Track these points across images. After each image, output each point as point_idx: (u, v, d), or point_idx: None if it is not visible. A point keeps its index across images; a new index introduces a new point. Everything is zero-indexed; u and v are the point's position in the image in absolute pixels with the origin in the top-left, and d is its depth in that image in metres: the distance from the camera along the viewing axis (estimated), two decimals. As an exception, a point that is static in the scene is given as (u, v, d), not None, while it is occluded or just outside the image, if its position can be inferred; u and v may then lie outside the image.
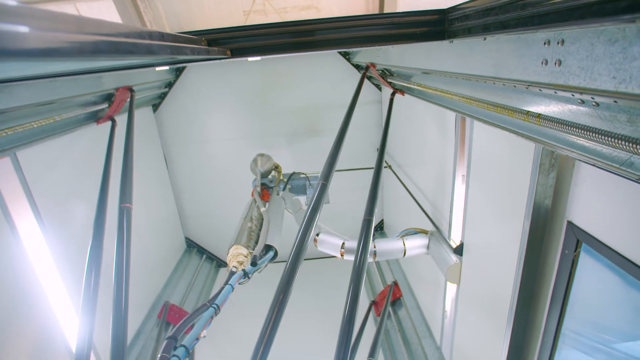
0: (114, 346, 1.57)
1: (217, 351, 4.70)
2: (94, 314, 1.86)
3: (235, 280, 2.26)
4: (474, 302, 2.89)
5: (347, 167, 5.69)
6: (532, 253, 2.06)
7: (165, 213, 5.81)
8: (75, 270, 3.33)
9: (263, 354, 1.37)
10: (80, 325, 1.82)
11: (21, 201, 2.94)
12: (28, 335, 2.91)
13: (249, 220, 3.11)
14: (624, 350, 1.69)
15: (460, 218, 3.00)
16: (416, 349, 4.02)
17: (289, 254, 1.70)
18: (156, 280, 5.25)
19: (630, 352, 1.65)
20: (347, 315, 1.67)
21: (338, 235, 3.26)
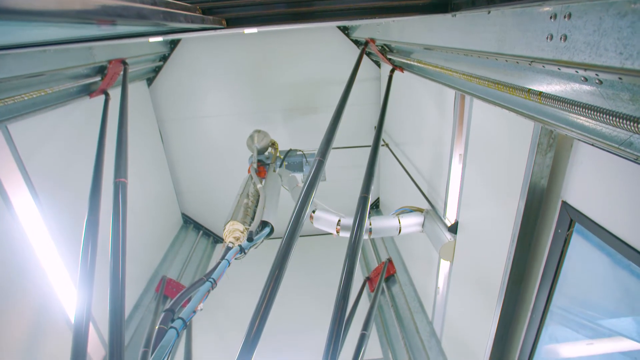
0: (112, 318, 1.59)
1: (214, 324, 4.81)
2: (92, 287, 1.88)
3: (232, 255, 2.28)
4: (466, 279, 2.95)
5: (344, 144, 5.66)
6: (526, 232, 2.09)
7: (161, 189, 5.80)
8: (72, 244, 3.34)
9: (259, 327, 1.39)
10: (79, 298, 1.84)
11: (15, 175, 2.91)
12: (28, 308, 2.95)
13: (245, 197, 3.11)
14: (608, 327, 1.74)
15: (456, 197, 3.02)
16: (408, 323, 4.13)
17: (285, 230, 1.71)
18: (153, 255, 5.30)
19: (614, 328, 1.70)
20: (342, 291, 1.70)
21: (334, 213, 3.28)
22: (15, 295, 2.85)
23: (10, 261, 2.81)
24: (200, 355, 3.92)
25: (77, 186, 3.49)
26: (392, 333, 4.29)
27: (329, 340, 1.57)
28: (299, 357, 4.22)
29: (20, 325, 2.89)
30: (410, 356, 3.80)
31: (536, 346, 2.24)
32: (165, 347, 1.46)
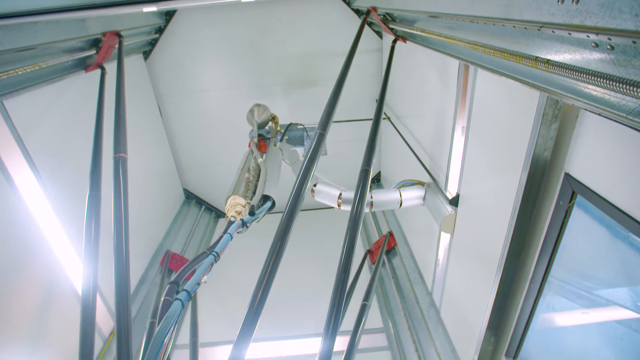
0: (117, 290, 1.62)
1: (218, 295, 4.93)
2: (97, 261, 1.91)
3: (234, 229, 2.30)
4: (466, 251, 2.98)
5: (345, 118, 5.59)
6: (527, 204, 2.09)
7: (161, 164, 5.79)
8: (76, 219, 3.37)
9: (261, 298, 1.42)
10: (85, 271, 1.87)
11: (15, 153, 2.90)
12: (37, 282, 3.01)
13: (246, 171, 3.10)
14: (605, 296, 1.77)
15: (458, 170, 3.00)
16: (408, 294, 4.23)
17: (286, 204, 1.71)
18: (157, 230, 5.36)
19: (610, 298, 1.73)
20: (343, 263, 1.72)
21: (335, 186, 3.28)
22: (25, 270, 2.91)
23: (17, 238, 2.85)
24: (205, 326, 4.04)
25: (78, 162, 3.48)
26: (393, 304, 4.40)
27: (330, 310, 1.60)
28: (302, 326, 4.34)
29: (31, 298, 2.97)
30: (410, 326, 3.91)
31: (533, 315, 2.29)
32: (170, 318, 1.50)
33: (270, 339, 4.27)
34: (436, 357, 3.41)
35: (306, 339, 4.23)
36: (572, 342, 2.04)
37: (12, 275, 2.81)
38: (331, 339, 1.56)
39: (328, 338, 1.56)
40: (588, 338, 1.93)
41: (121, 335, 1.49)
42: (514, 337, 2.49)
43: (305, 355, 4.04)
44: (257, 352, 4.14)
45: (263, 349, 4.19)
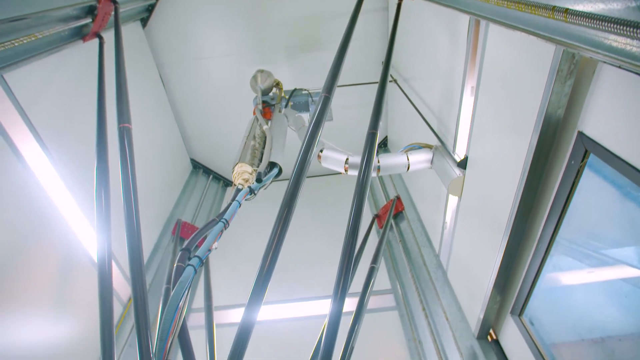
0: (131, 256, 1.67)
1: (229, 261, 5.07)
2: (109, 230, 1.95)
3: (242, 196, 2.31)
4: (474, 213, 2.99)
5: (351, 82, 5.45)
6: (537, 165, 2.05)
7: (167, 134, 5.77)
8: (86, 190, 3.42)
9: (270, 263, 1.45)
10: (98, 240, 1.92)
11: (20, 126, 2.90)
12: (53, 251, 3.11)
13: (252, 139, 3.09)
14: (612, 256, 1.77)
15: (467, 132, 2.94)
16: (415, 257, 4.30)
17: (292, 169, 1.71)
18: (167, 200, 5.44)
19: (618, 257, 1.73)
20: (351, 227, 1.73)
21: (342, 151, 3.25)
22: (41, 241, 3.00)
23: (31, 210, 2.91)
24: (219, 290, 4.18)
25: (83, 134, 3.48)
26: (400, 266, 4.49)
27: (339, 273, 1.63)
28: (312, 289, 4.48)
29: (50, 267, 3.08)
30: (417, 286, 4.01)
31: (539, 275, 2.32)
32: (184, 283, 1.55)
33: (282, 301, 4.43)
34: (443, 316, 3.51)
35: (316, 301, 4.38)
36: (577, 300, 2.08)
37: (31, 246, 2.90)
38: (340, 300, 1.60)
39: (337, 299, 1.60)
40: (593, 296, 1.96)
41: (137, 300, 1.54)
42: (519, 296, 2.54)
43: (316, 315, 4.20)
44: (269, 314, 4.30)
45: (275, 311, 4.35)
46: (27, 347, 2.79)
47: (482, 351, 3.03)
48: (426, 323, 3.64)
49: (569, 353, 2.21)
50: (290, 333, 4.09)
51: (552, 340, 2.34)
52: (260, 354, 3.84)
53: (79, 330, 3.30)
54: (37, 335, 2.90)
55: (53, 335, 3.05)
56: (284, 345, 3.95)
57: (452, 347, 3.28)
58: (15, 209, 2.78)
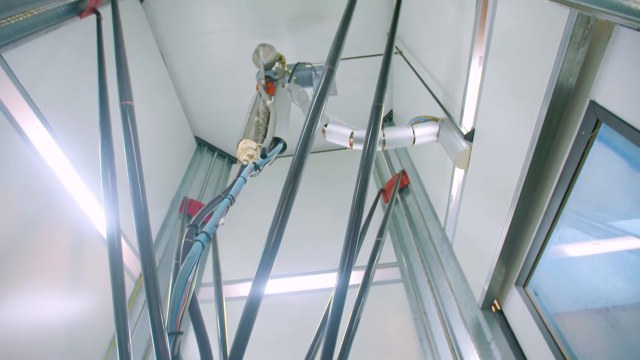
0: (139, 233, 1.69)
1: (237, 236, 5.14)
2: (117, 207, 1.97)
3: (247, 172, 2.31)
4: (480, 186, 2.97)
5: (355, 54, 5.32)
6: (546, 136, 2.01)
7: (170, 112, 5.73)
8: (92, 170, 3.45)
9: (276, 238, 1.46)
10: (107, 218, 1.94)
11: (22, 106, 2.89)
12: (64, 229, 3.17)
13: (255, 114, 3.05)
14: (620, 227, 1.76)
15: (474, 104, 2.88)
16: (421, 230, 4.33)
17: (297, 144, 1.69)
18: (173, 178, 5.47)
19: (625, 229, 1.72)
20: (357, 201, 1.73)
21: (347, 125, 3.21)
22: (51, 220, 3.05)
23: (39, 190, 2.95)
24: (227, 265, 4.26)
25: (86, 113, 3.47)
26: (406, 239, 4.52)
27: (345, 246, 1.65)
28: (318, 263, 4.56)
29: (62, 245, 3.15)
30: (423, 259, 4.05)
31: (545, 246, 2.33)
32: (192, 258, 1.58)
33: (289, 275, 4.52)
34: (448, 287, 3.57)
35: (323, 274, 4.46)
36: (582, 271, 2.08)
37: (42, 224, 2.95)
38: (346, 273, 1.63)
39: (343, 273, 1.63)
40: (598, 267, 1.96)
41: (147, 275, 1.58)
42: (524, 267, 2.56)
43: (323, 289, 4.29)
44: (277, 288, 4.40)
45: (282, 284, 4.45)
46: (45, 321, 2.90)
47: (486, 321, 3.09)
48: (431, 295, 3.71)
49: (572, 322, 2.24)
50: (298, 306, 4.20)
51: (556, 310, 2.37)
52: (269, 326, 3.96)
53: (94, 305, 3.41)
54: (54, 310, 3.00)
55: (69, 311, 3.16)
56: (292, 318, 4.06)
57: (456, 318, 3.35)
58: (24, 189, 2.82)
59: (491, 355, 2.94)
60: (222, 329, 2.73)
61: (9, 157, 2.70)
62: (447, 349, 3.29)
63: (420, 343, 3.60)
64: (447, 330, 3.36)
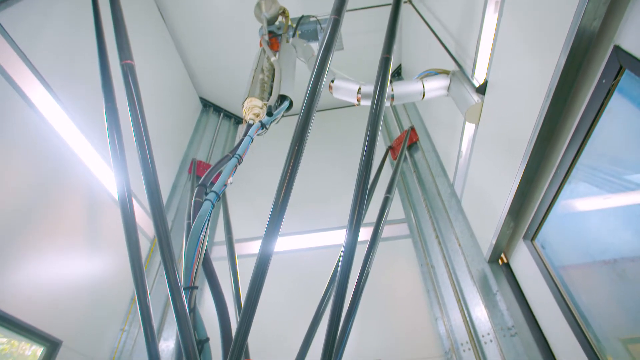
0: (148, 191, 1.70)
1: (246, 196, 5.21)
2: (126, 169, 1.98)
3: (254, 131, 2.29)
4: (491, 140, 2.90)
5: (362, 5, 5.04)
6: (564, 86, 1.92)
7: (173, 72, 5.60)
8: (100, 132, 3.45)
9: (284, 196, 1.46)
10: (117, 179, 1.96)
11: (25, 72, 2.84)
12: (77, 193, 3.24)
13: (260, 72, 2.97)
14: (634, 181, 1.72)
15: (487, 54, 2.74)
16: (430, 186, 4.32)
17: (303, 100, 1.64)
18: (180, 140, 5.47)
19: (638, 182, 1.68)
20: (365, 158, 1.71)
21: (354, 81, 3.11)
22: (65, 185, 3.11)
23: (52, 157, 2.98)
24: (238, 224, 4.35)
25: (88, 74, 3.40)
26: (414, 196, 4.54)
27: (354, 203, 1.65)
28: (328, 220, 4.62)
29: (76, 208, 3.23)
30: (431, 215, 4.08)
31: (555, 200, 2.31)
32: (203, 216, 1.60)
33: (299, 232, 4.61)
34: (455, 242, 3.62)
35: (332, 231, 4.54)
36: (591, 225, 2.08)
37: (56, 188, 3.01)
38: (355, 230, 1.64)
39: (352, 229, 1.64)
40: (608, 220, 1.95)
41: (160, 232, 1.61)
42: (533, 221, 2.56)
43: (333, 245, 4.38)
44: (288, 245, 4.52)
45: (293, 241, 4.56)
46: (69, 279, 3.05)
47: (493, 274, 3.16)
48: (439, 249, 3.78)
49: (578, 274, 2.28)
50: (309, 262, 4.32)
51: (562, 263, 2.40)
52: (281, 281, 4.11)
53: (113, 264, 3.56)
54: (76, 269, 3.14)
55: (90, 269, 3.30)
56: (303, 273, 4.20)
57: (463, 271, 3.43)
58: (35, 155, 2.84)
59: (496, 306, 3.03)
60: (236, 284, 2.84)
61: (17, 124, 2.70)
62: (453, 299, 3.40)
63: (428, 295, 3.73)
64: (454, 283, 3.46)
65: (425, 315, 3.64)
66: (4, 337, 2.87)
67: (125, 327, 3.61)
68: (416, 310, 3.71)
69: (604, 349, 2.07)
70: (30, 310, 2.63)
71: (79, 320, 3.09)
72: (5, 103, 2.63)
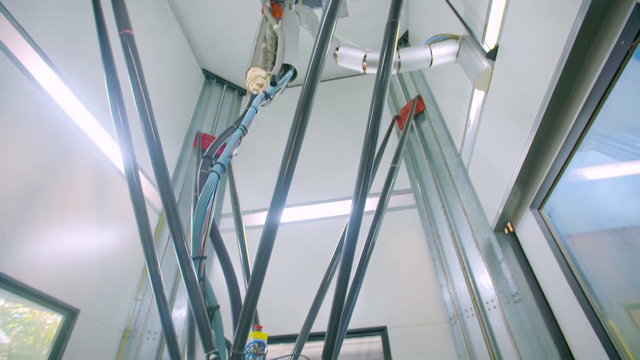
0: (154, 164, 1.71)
1: (252, 168, 5.21)
2: (130, 139, 1.98)
3: (258, 102, 2.25)
4: (500, 108, 2.83)
5: (368, -34, 4.81)
6: (579, 49, 1.84)
7: (173, 43, 5.46)
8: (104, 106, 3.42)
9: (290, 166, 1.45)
10: (122, 153, 1.96)
11: (26, 49, 2.79)
12: (85, 166, 3.26)
13: (262, 41, 2.88)
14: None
15: (499, 17, 2.62)
16: (436, 156, 4.28)
17: (307, 69, 1.60)
18: (183, 113, 5.43)
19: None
20: (371, 129, 1.68)
21: (359, 48, 3.01)
22: (72, 160, 3.13)
23: (57, 132, 2.99)
24: (244, 196, 4.38)
25: (87, 48, 3.34)
26: (421, 166, 4.51)
27: (360, 173, 1.64)
28: (334, 191, 4.64)
29: (85, 183, 3.26)
30: (438, 185, 4.07)
31: (564, 169, 2.27)
32: (209, 188, 1.61)
33: (305, 203, 4.64)
34: (461, 211, 3.62)
35: (338, 202, 4.56)
36: (600, 193, 2.06)
37: (62, 164, 3.03)
38: (361, 200, 1.64)
39: (358, 199, 1.64)
40: (618, 189, 1.92)
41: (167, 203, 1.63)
42: (541, 190, 2.54)
43: (338, 216, 4.42)
44: (294, 216, 4.56)
45: (299, 212, 4.60)
46: (81, 252, 3.13)
47: (498, 242, 3.19)
48: (445, 219, 3.79)
49: (585, 241, 2.28)
50: (316, 232, 4.38)
51: (569, 231, 2.40)
52: (288, 251, 4.19)
53: (124, 237, 3.64)
54: (88, 242, 3.22)
55: (102, 242, 3.38)
56: (310, 244, 4.26)
57: (469, 240, 3.45)
58: (41, 131, 2.84)
59: (501, 273, 3.07)
60: (244, 253, 2.89)
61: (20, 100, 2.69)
62: (458, 268, 3.45)
63: (433, 263, 3.78)
64: (459, 251, 3.50)
65: (431, 283, 3.71)
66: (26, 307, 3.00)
67: (139, 296, 3.74)
68: (421, 278, 3.78)
69: (607, 315, 2.10)
70: (46, 282, 2.73)
71: (94, 290, 3.20)
72: (8, 79, 2.61)
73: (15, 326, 3.08)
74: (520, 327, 2.79)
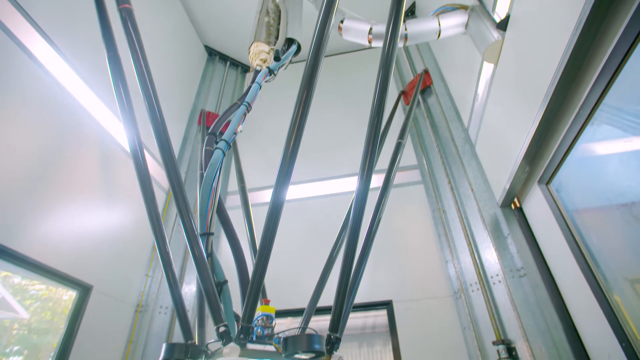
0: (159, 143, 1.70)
1: (258, 145, 5.19)
2: (134, 117, 1.96)
3: (262, 78, 2.22)
4: (510, 81, 2.76)
5: None
6: (594, 19, 1.76)
7: (174, 19, 5.34)
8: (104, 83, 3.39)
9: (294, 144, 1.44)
10: (127, 131, 1.96)
11: (26, 28, 2.75)
12: (91, 145, 3.28)
13: (265, 15, 2.80)
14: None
15: (511, -16, 2.51)
16: (443, 132, 4.22)
17: (311, 43, 1.55)
18: (187, 91, 5.37)
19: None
20: (376, 104, 1.65)
21: (365, 20, 2.92)
22: (77, 139, 3.14)
23: (61, 112, 2.98)
24: (250, 173, 4.39)
25: (87, 25, 3.27)
26: (427, 142, 4.46)
27: (365, 149, 1.62)
28: (339, 168, 4.62)
29: (91, 163, 3.28)
30: (444, 161, 4.03)
31: (574, 144, 2.23)
32: (214, 165, 1.60)
33: (311, 180, 4.64)
34: (468, 187, 3.61)
35: (344, 179, 4.56)
36: (609, 168, 2.02)
37: (68, 144, 3.04)
38: (367, 176, 1.63)
39: (364, 176, 1.63)
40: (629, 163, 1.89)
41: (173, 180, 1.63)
42: (550, 165, 2.50)
43: (344, 192, 4.42)
44: (300, 193, 4.57)
45: (305, 189, 4.61)
46: (92, 230, 3.18)
47: (505, 218, 3.18)
48: (451, 195, 3.78)
49: (592, 216, 2.26)
50: (322, 209, 4.40)
51: (576, 206, 2.38)
52: (295, 227, 4.23)
53: (132, 215, 3.69)
54: (97, 221, 3.27)
55: (111, 220, 3.44)
56: (316, 220, 4.30)
57: (475, 215, 3.45)
58: (44, 110, 2.84)
59: (507, 248, 3.08)
60: (251, 230, 2.92)
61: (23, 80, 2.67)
62: (464, 243, 3.47)
63: (439, 239, 3.80)
64: (465, 227, 3.50)
65: (436, 259, 3.74)
66: (42, 284, 3.10)
67: (149, 273, 3.83)
68: (427, 253, 3.81)
69: (612, 288, 2.11)
70: (60, 260, 2.80)
71: (106, 267, 3.28)
72: (10, 60, 2.59)
73: (33, 302, 3.20)
74: (525, 301, 2.83)
